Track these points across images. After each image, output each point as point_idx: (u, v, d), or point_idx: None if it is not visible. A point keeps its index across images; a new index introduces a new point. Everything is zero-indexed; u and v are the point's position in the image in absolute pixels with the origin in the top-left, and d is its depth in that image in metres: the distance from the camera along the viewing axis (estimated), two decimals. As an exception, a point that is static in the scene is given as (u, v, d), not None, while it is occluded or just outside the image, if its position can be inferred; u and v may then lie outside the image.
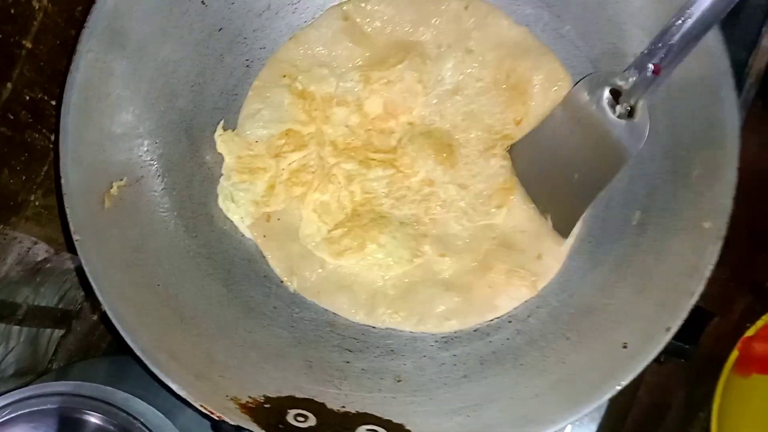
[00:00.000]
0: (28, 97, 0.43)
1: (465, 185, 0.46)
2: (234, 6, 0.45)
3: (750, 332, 0.51)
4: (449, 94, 0.47)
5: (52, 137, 0.45)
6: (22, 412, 0.44)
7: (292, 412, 0.38)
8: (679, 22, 0.36)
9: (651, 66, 0.38)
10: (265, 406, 0.37)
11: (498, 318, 0.45)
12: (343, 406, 0.40)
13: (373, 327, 0.44)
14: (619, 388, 0.37)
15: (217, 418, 0.35)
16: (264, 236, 0.45)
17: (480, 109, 0.47)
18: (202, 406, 0.35)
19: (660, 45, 0.37)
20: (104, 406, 0.44)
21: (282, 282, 0.45)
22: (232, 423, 0.35)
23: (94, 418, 0.45)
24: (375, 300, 0.45)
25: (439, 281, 0.45)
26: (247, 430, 0.36)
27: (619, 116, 0.40)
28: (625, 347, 0.38)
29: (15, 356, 0.52)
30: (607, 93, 0.41)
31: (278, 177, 0.45)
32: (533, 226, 0.45)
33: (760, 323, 0.51)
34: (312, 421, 0.38)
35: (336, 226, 0.45)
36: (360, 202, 0.46)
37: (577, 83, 0.43)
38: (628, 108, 0.40)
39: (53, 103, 0.44)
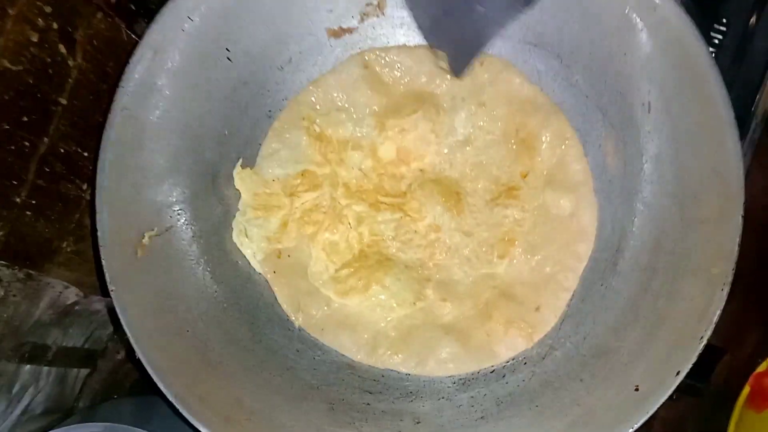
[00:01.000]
0: (63, 150, 0.45)
1: (470, 233, 0.48)
2: (257, 61, 0.47)
3: (761, 368, 0.52)
4: (460, 144, 0.49)
5: (84, 186, 0.47)
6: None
7: (316, 453, 0.39)
8: None
9: None
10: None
11: (501, 364, 0.46)
12: (365, 447, 0.41)
13: (392, 369, 0.46)
14: (631, 431, 0.38)
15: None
16: (274, 272, 0.47)
17: (488, 161, 0.49)
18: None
19: None
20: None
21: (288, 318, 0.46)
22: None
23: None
24: (376, 340, 0.46)
25: (439, 325, 0.46)
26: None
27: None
28: (637, 390, 0.40)
29: (44, 396, 0.54)
30: None
31: (291, 215, 0.47)
32: (533, 279, 0.47)
33: (771, 358, 0.52)
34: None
35: (343, 265, 0.47)
36: (368, 244, 0.47)
37: None
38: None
39: (86, 154, 0.46)
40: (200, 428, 0.37)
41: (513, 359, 0.46)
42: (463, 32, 0.44)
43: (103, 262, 0.39)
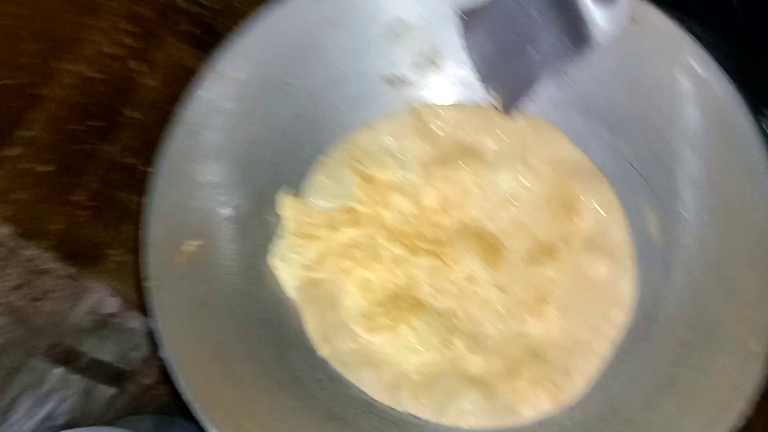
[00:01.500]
0: (124, 161, 0.48)
1: (505, 289, 0.47)
2: (315, 99, 0.49)
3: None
4: (503, 201, 0.50)
5: (140, 200, 0.49)
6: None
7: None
8: None
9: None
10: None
11: (525, 423, 0.45)
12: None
13: (415, 416, 0.45)
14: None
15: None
16: (305, 299, 0.47)
17: (530, 220, 0.49)
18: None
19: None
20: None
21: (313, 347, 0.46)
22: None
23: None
24: (399, 382, 0.45)
25: (464, 376, 0.45)
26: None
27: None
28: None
29: (68, 405, 0.54)
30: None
31: (330, 247, 0.48)
32: (565, 341, 0.46)
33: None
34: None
35: (375, 304, 0.47)
36: (402, 286, 0.47)
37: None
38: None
39: (146, 169, 0.49)
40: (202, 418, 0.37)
41: (537, 421, 0.45)
42: (515, 72, 0.46)
43: (145, 258, 0.41)
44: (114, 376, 0.59)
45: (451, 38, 0.50)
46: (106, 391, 0.58)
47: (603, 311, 0.46)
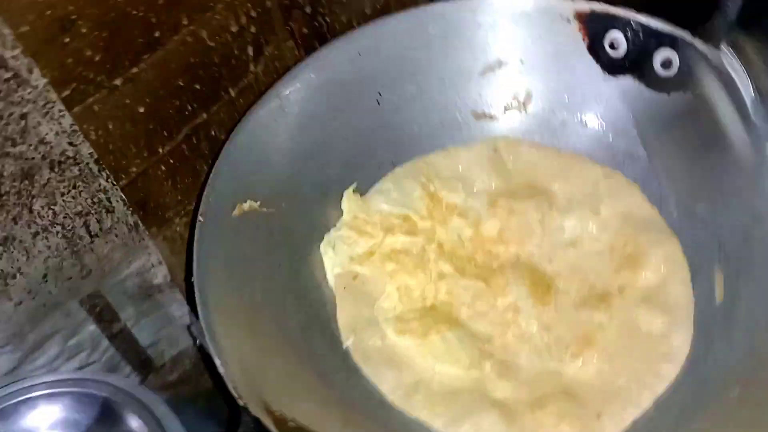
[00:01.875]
0: (213, 133, 0.51)
1: (548, 326, 0.45)
2: (402, 114, 0.52)
3: None
4: (564, 244, 0.49)
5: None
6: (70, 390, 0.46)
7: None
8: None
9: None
10: (290, 424, 0.36)
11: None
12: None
13: (421, 422, 0.42)
14: None
15: (241, 404, 0.35)
16: (344, 289, 0.47)
17: (589, 267, 0.48)
18: (235, 388, 0.35)
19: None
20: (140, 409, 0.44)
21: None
22: (253, 413, 0.34)
23: (134, 421, 0.45)
24: (418, 387, 0.43)
25: (487, 397, 0.43)
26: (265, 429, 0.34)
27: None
28: None
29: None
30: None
31: (380, 247, 0.48)
32: (603, 385, 0.43)
33: None
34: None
35: (411, 310, 0.46)
36: (442, 301, 0.46)
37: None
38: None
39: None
40: (216, 357, 0.36)
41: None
42: None
43: (204, 197, 0.42)
44: (142, 361, 0.58)
45: (547, 86, 0.52)
46: (129, 375, 0.58)
47: (651, 362, 0.43)
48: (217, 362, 0.36)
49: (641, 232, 0.47)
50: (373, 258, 0.48)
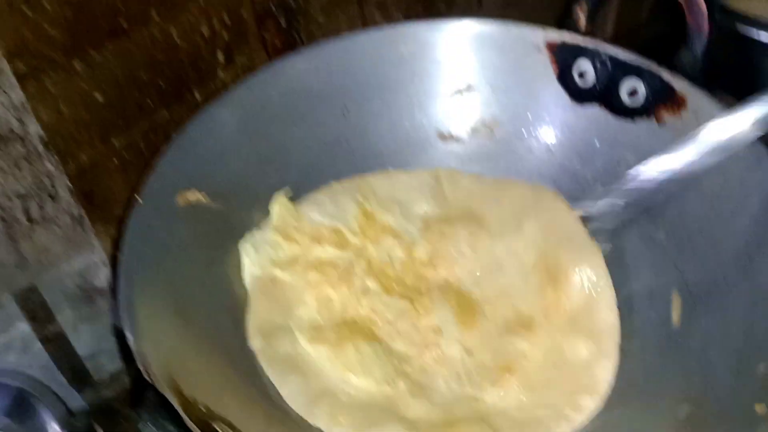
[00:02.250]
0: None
1: (471, 351, 0.43)
2: (367, 131, 0.52)
3: None
4: (493, 268, 0.47)
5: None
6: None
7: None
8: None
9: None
10: (201, 409, 0.33)
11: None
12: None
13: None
14: None
15: (149, 379, 0.32)
16: (259, 291, 0.45)
17: (515, 290, 0.46)
18: (143, 363, 0.32)
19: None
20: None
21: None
22: (160, 390, 0.32)
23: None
24: (323, 396, 0.40)
25: (396, 414, 0.40)
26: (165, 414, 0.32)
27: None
28: None
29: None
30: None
31: (305, 256, 0.46)
32: (520, 416, 0.41)
33: None
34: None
35: (328, 322, 0.44)
36: (363, 316, 0.44)
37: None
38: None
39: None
40: (125, 327, 0.34)
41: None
42: None
43: (148, 179, 0.41)
44: (77, 374, 0.54)
45: (514, 111, 0.52)
46: (63, 386, 0.54)
47: (571, 394, 0.41)
48: (128, 335, 0.33)
49: (566, 249, 0.46)
50: (296, 265, 0.46)
